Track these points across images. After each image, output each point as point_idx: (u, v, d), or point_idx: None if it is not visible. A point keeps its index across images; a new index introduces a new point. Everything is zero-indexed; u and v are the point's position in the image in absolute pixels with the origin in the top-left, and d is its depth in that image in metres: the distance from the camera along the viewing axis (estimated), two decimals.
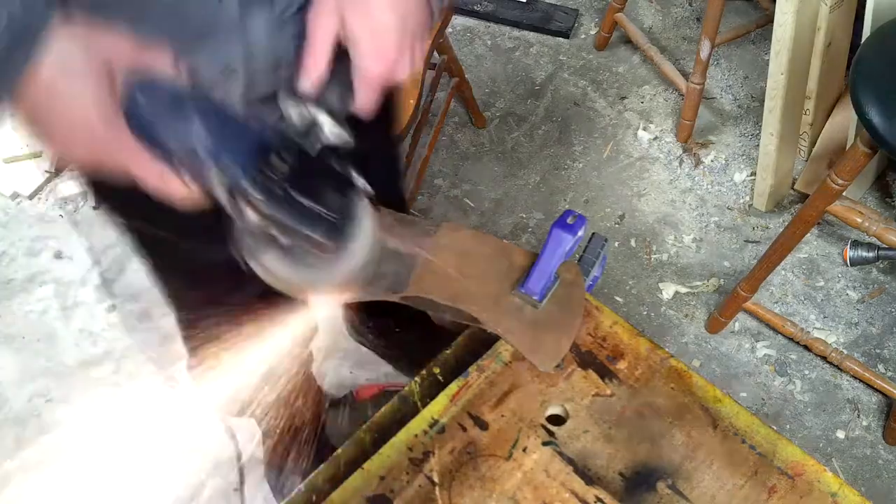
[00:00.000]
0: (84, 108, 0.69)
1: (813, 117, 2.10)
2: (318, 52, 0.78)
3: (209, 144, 0.70)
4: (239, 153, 0.71)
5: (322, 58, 0.78)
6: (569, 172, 2.25)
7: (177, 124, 0.70)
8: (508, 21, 2.54)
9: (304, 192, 0.72)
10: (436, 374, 0.99)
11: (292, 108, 0.75)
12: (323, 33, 0.77)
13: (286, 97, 0.75)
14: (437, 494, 0.88)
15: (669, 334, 1.97)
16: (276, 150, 0.72)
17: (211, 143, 0.70)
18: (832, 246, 2.07)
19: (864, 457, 1.80)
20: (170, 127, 0.70)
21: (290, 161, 0.72)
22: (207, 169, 0.70)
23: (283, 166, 0.71)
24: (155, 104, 0.70)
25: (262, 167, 0.71)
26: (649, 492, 0.89)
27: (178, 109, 0.71)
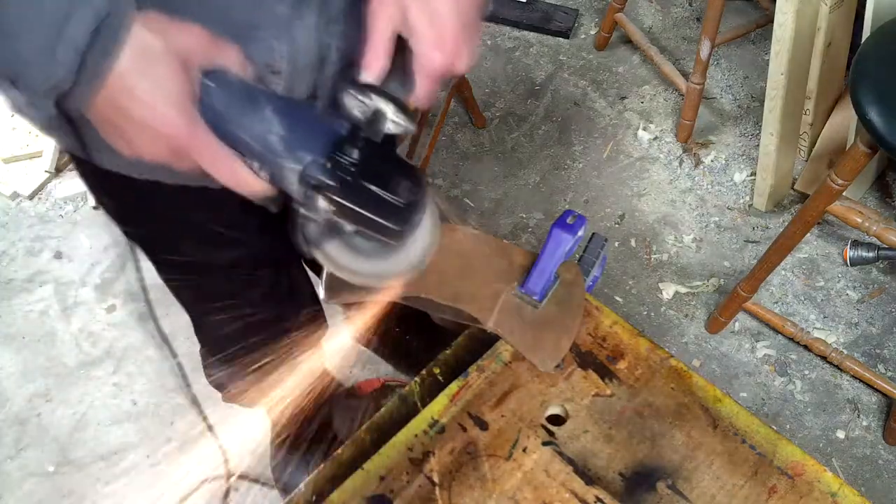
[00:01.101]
0: (164, 103, 0.69)
1: (813, 117, 2.10)
2: (380, 44, 0.78)
3: (283, 134, 0.71)
4: (312, 142, 0.72)
5: (383, 49, 0.78)
6: (569, 172, 2.24)
7: (250, 117, 0.71)
8: (508, 21, 2.54)
9: (373, 179, 0.73)
10: (436, 374, 0.99)
11: (354, 100, 0.75)
12: (384, 24, 0.77)
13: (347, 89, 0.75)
14: (437, 494, 0.88)
15: (669, 334, 1.97)
16: (348, 138, 0.73)
17: (284, 132, 0.71)
18: (832, 246, 2.07)
19: (864, 457, 1.80)
20: (244, 119, 0.71)
21: (360, 149, 0.73)
22: (281, 158, 0.71)
23: (353, 154, 0.72)
24: (228, 98, 0.71)
25: (334, 155, 0.72)
26: (649, 492, 0.89)
27: (251, 102, 0.72)
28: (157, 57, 0.68)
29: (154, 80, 0.68)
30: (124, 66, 0.66)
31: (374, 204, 0.73)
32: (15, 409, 1.91)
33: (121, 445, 1.85)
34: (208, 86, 0.71)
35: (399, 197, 0.73)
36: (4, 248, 2.17)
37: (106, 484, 1.81)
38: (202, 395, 1.55)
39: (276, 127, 0.71)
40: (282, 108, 0.72)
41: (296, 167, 0.71)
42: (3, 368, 1.97)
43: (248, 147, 0.71)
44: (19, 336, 2.02)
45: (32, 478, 1.82)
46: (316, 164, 0.71)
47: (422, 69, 0.79)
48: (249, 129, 0.71)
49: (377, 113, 0.75)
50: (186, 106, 0.70)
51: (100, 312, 2.04)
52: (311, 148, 0.71)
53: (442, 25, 0.77)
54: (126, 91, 0.68)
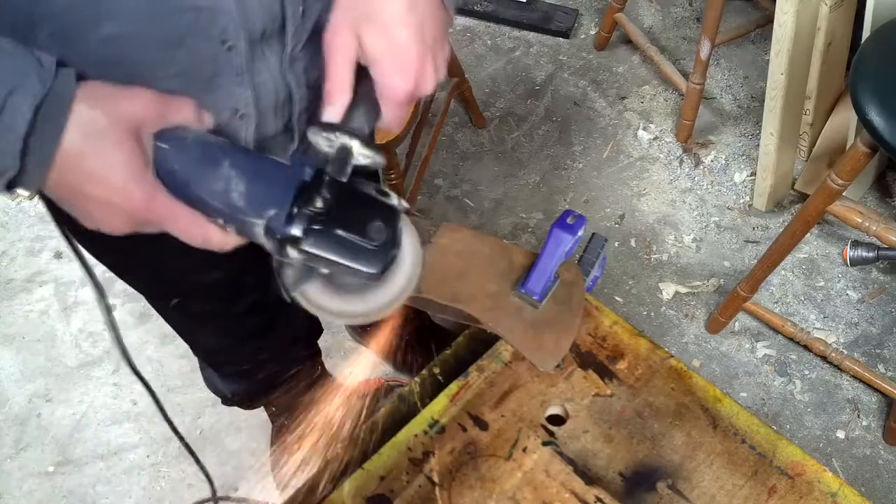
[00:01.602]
0: (117, 177, 0.67)
1: (813, 117, 2.10)
2: (340, 77, 0.75)
3: (243, 189, 0.69)
4: (274, 194, 0.70)
5: (344, 82, 0.75)
6: (569, 172, 2.24)
7: (209, 175, 0.69)
8: (508, 21, 2.54)
9: (343, 224, 0.71)
10: (436, 374, 0.99)
11: (320, 137, 0.73)
12: (341, 57, 0.75)
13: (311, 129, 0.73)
14: (437, 494, 0.88)
15: (669, 334, 1.97)
16: (312, 185, 0.70)
17: (245, 187, 0.69)
18: (832, 246, 2.07)
19: (864, 457, 1.80)
20: (202, 179, 0.69)
21: (327, 194, 0.70)
22: (244, 215, 0.69)
23: (318, 201, 0.70)
24: (185, 158, 0.70)
25: (300, 205, 0.69)
26: (649, 492, 0.89)
27: (209, 160, 0.70)
28: (103, 131, 0.66)
29: (103, 154, 0.66)
30: (70, 145, 0.64)
31: (345, 250, 0.71)
32: (15, 409, 1.91)
33: (121, 445, 1.85)
34: (163, 148, 0.69)
35: (371, 239, 0.71)
36: (4, 248, 2.17)
37: (106, 484, 1.81)
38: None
39: (236, 182, 0.69)
40: (241, 162, 0.70)
41: (260, 222, 0.69)
42: (3, 368, 1.97)
43: (210, 206, 0.70)
44: (19, 336, 2.02)
45: (32, 478, 1.82)
46: (280, 217, 0.69)
47: (385, 97, 0.77)
48: (209, 188, 0.69)
49: (344, 149, 0.73)
50: (141, 175, 0.68)
51: (100, 312, 2.04)
52: (273, 201, 0.69)
53: (401, 51, 0.75)
54: (76, 170, 0.66)
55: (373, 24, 0.75)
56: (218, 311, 1.33)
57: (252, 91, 0.82)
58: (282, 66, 0.83)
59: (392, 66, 0.75)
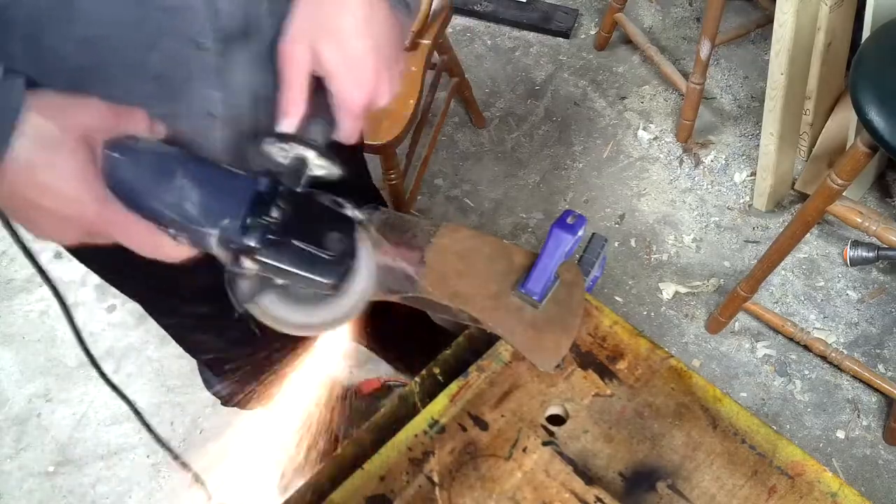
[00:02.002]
0: (67, 186, 0.66)
1: (813, 117, 2.10)
2: (295, 90, 0.75)
3: (199, 201, 0.68)
4: (228, 204, 0.69)
5: (299, 95, 0.75)
6: (569, 172, 2.25)
7: (162, 185, 0.68)
8: (508, 21, 2.54)
9: (299, 235, 0.70)
10: (436, 374, 0.99)
11: (275, 148, 0.72)
12: (297, 69, 0.75)
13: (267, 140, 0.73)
14: (437, 494, 0.88)
15: (669, 334, 1.97)
16: (267, 195, 0.70)
17: (200, 199, 0.68)
18: (832, 246, 2.07)
19: (864, 457, 1.80)
20: (156, 189, 0.68)
21: (283, 204, 0.70)
22: (197, 225, 0.68)
23: (275, 211, 0.69)
24: (138, 169, 0.69)
25: (255, 215, 0.69)
26: (649, 492, 0.89)
27: (161, 169, 0.69)
28: (53, 140, 0.65)
29: (53, 164, 0.65)
30: (20, 154, 0.63)
31: (301, 260, 0.70)
32: (15, 409, 1.91)
33: (121, 445, 1.85)
34: (115, 158, 0.68)
35: (328, 249, 0.71)
36: (4, 248, 2.17)
37: (106, 484, 1.81)
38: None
39: (190, 192, 0.68)
40: (194, 172, 0.69)
41: (214, 232, 0.68)
42: (3, 368, 1.97)
43: (162, 215, 0.69)
44: (19, 336, 2.02)
45: (32, 478, 1.82)
46: (234, 227, 0.68)
47: (343, 109, 0.77)
48: (162, 198, 0.68)
49: (299, 159, 0.73)
50: (92, 184, 0.67)
51: (100, 312, 2.04)
52: (226, 211, 0.68)
53: (357, 63, 0.75)
54: (26, 179, 0.65)
55: (330, 36, 0.75)
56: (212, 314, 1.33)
57: (222, 92, 0.82)
58: (252, 67, 0.82)
59: (348, 78, 0.75)
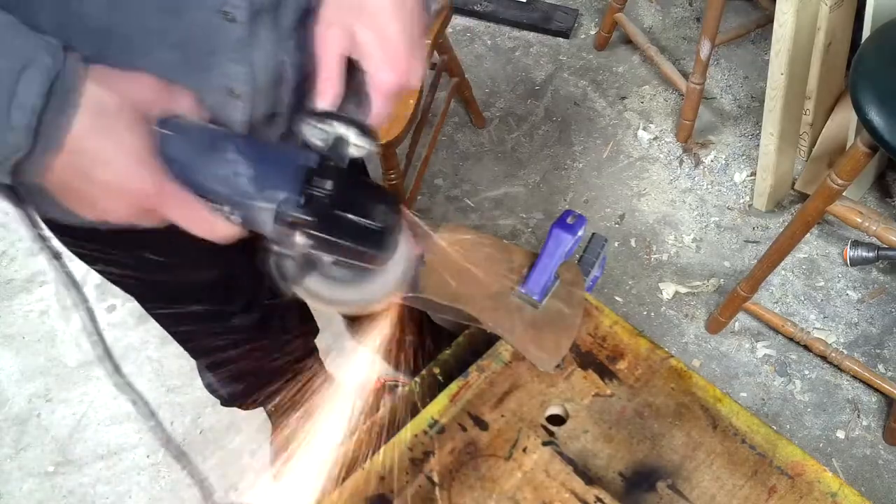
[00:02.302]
0: (127, 161, 0.65)
1: (813, 117, 2.10)
2: (332, 70, 0.76)
3: (251, 175, 0.68)
4: (282, 179, 0.69)
5: (336, 75, 0.76)
6: (569, 172, 2.24)
7: (215, 161, 0.69)
8: (508, 21, 2.54)
9: (349, 208, 0.71)
10: (436, 374, 0.99)
11: (313, 128, 0.72)
12: (332, 50, 0.76)
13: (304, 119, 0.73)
14: (437, 494, 0.88)
15: (669, 334, 1.97)
16: (315, 170, 0.70)
17: (253, 172, 0.68)
18: (832, 246, 2.07)
19: (864, 457, 1.80)
20: (208, 165, 0.69)
21: (331, 178, 0.70)
22: (253, 200, 0.69)
23: (326, 185, 0.70)
24: (189, 145, 0.69)
25: (307, 189, 0.69)
26: (649, 492, 0.89)
27: (213, 146, 0.69)
28: (113, 113, 0.65)
29: (114, 137, 0.65)
30: (82, 125, 0.63)
31: (352, 232, 0.71)
32: (15, 409, 1.91)
33: (121, 445, 1.85)
34: (167, 135, 0.68)
35: (376, 222, 0.71)
36: (4, 248, 2.17)
37: (106, 484, 1.81)
38: None
39: (243, 168, 0.68)
40: (245, 148, 0.69)
41: (270, 207, 0.68)
42: (3, 368, 1.97)
43: (217, 193, 0.69)
44: (19, 336, 2.02)
45: (32, 478, 1.82)
46: (290, 202, 0.68)
47: (376, 89, 0.77)
48: (215, 174, 0.68)
49: (339, 139, 0.73)
50: (150, 160, 0.67)
51: (100, 312, 2.04)
52: (282, 185, 0.69)
53: (391, 45, 0.76)
54: (86, 152, 0.64)
55: (363, 17, 0.75)
56: (212, 313, 1.33)
57: (247, 69, 0.81)
58: (276, 45, 0.82)
59: (383, 59, 0.76)
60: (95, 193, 0.67)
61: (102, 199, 0.68)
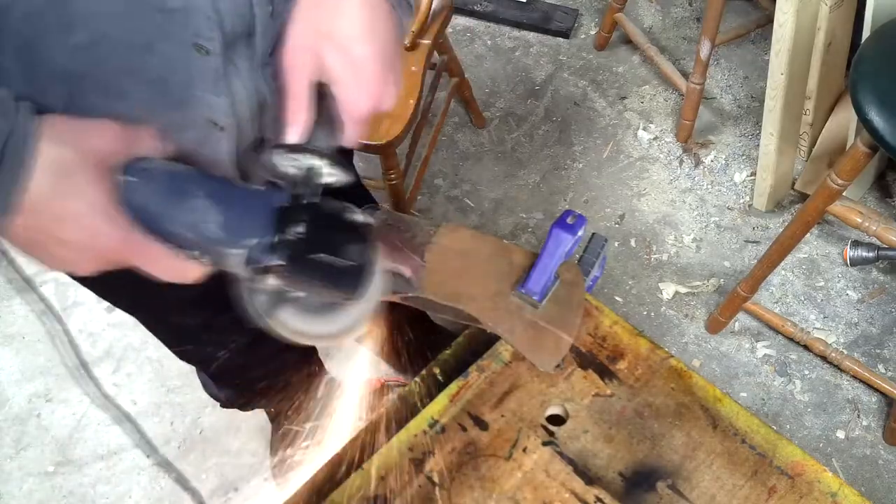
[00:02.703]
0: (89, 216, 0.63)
1: (813, 117, 2.10)
2: (299, 98, 0.74)
3: (220, 220, 0.67)
4: (254, 224, 0.68)
5: (303, 103, 0.74)
6: (569, 172, 2.25)
7: (182, 207, 0.67)
8: (508, 21, 2.54)
9: (322, 248, 0.69)
10: (436, 374, 0.99)
11: (284, 159, 0.71)
12: (299, 76, 0.74)
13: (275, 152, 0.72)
14: (437, 494, 0.88)
15: (669, 334, 1.97)
16: (289, 210, 0.69)
17: (224, 219, 0.67)
18: (832, 246, 2.07)
19: (864, 457, 1.80)
20: (175, 211, 0.67)
21: (305, 218, 0.69)
22: (223, 246, 0.67)
23: (298, 226, 0.68)
24: (156, 192, 0.67)
25: (279, 232, 0.68)
26: (649, 492, 0.89)
27: (182, 193, 0.68)
28: (71, 167, 0.62)
29: (75, 194, 0.63)
30: (38, 186, 0.61)
31: (325, 273, 0.70)
32: (15, 409, 1.91)
33: (121, 445, 1.85)
34: (132, 183, 0.66)
35: (350, 259, 0.70)
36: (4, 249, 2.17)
37: (106, 484, 1.81)
38: None
39: (212, 214, 0.67)
40: (214, 192, 0.68)
41: (240, 252, 0.67)
42: (3, 368, 1.97)
43: (185, 239, 0.67)
44: (19, 336, 2.02)
45: (32, 478, 1.82)
46: (262, 247, 0.67)
47: (348, 114, 0.76)
48: (184, 222, 0.67)
49: (311, 170, 0.71)
50: (114, 213, 0.65)
51: (100, 312, 2.04)
52: (253, 231, 0.67)
53: (362, 69, 0.75)
54: (45, 212, 0.62)
55: (333, 42, 0.74)
56: (205, 323, 1.32)
57: (229, 99, 0.79)
58: (253, 73, 0.81)
59: (353, 83, 0.75)
60: (59, 250, 0.66)
61: (67, 256, 0.67)
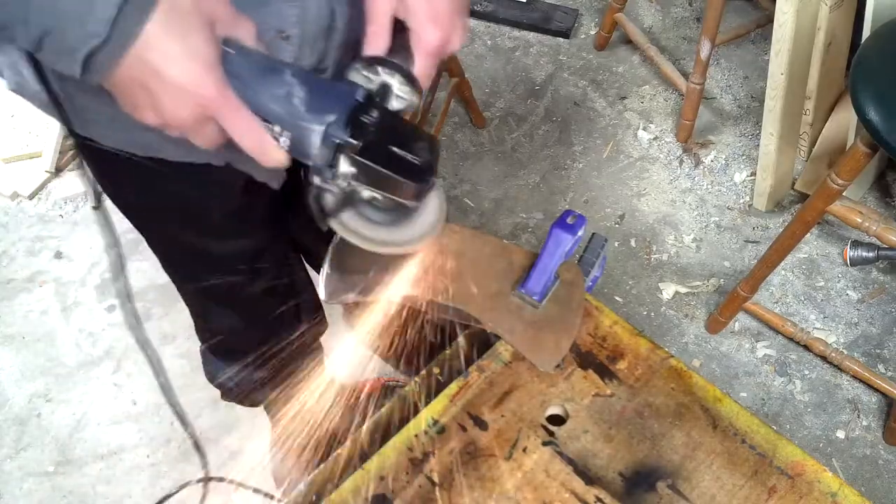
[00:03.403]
0: (194, 63, 0.67)
1: (813, 117, 2.10)
2: (381, 24, 0.80)
3: (304, 97, 0.72)
4: (333, 103, 0.73)
5: (385, 27, 0.80)
6: (569, 172, 2.24)
7: (271, 81, 0.72)
8: (508, 21, 2.54)
9: (392, 140, 0.75)
10: (436, 374, 0.99)
11: (360, 75, 0.77)
12: (382, 6, 0.80)
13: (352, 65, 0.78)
14: (437, 494, 0.88)
15: (669, 334, 1.97)
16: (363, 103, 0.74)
17: (307, 96, 0.72)
18: (832, 246, 2.07)
19: (864, 457, 1.80)
20: (265, 84, 0.72)
21: (378, 112, 0.74)
22: (305, 120, 0.72)
23: (372, 114, 0.74)
24: (250, 65, 0.72)
25: (355, 114, 0.73)
26: (649, 492, 0.89)
27: (272, 69, 0.73)
28: (187, 16, 0.67)
29: (185, 38, 0.67)
30: (156, 23, 0.65)
31: (394, 163, 0.75)
32: (15, 409, 1.91)
33: (121, 445, 1.85)
34: (228, 53, 0.71)
35: (417, 156, 0.75)
36: (4, 248, 2.17)
37: (106, 484, 1.81)
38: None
39: (298, 90, 0.72)
40: (301, 74, 0.73)
41: (319, 128, 0.72)
42: (3, 368, 1.97)
43: (271, 111, 0.72)
44: (19, 336, 2.02)
45: (32, 478, 1.82)
46: (339, 124, 0.72)
47: (420, 46, 0.81)
48: (271, 94, 0.72)
49: (383, 86, 0.77)
50: (215, 66, 0.69)
51: (100, 312, 2.04)
52: (332, 108, 0.73)
53: (437, 5, 0.80)
54: (157, 48, 0.66)
55: None
56: (235, 288, 1.33)
57: (300, 12, 0.83)
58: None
59: (427, 17, 0.80)
60: (160, 92, 0.69)
61: (165, 100, 0.69)
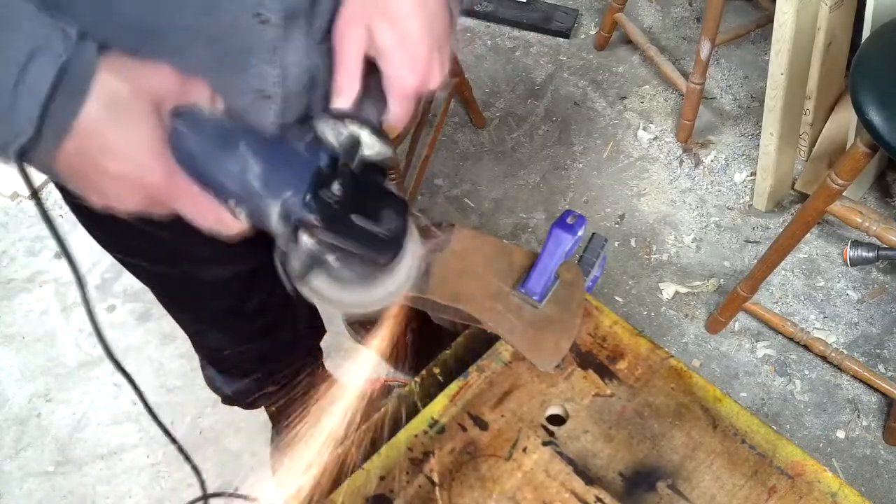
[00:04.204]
0: (138, 151, 0.65)
1: (813, 117, 2.10)
2: (350, 69, 0.76)
3: (260, 171, 0.68)
4: (291, 177, 0.69)
5: (354, 74, 0.76)
6: (569, 172, 2.24)
7: (225, 156, 0.68)
8: (508, 21, 2.54)
9: (357, 211, 0.70)
10: (436, 374, 1.00)
11: (328, 128, 0.73)
12: (351, 48, 0.75)
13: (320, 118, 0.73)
14: (437, 494, 0.89)
15: (669, 334, 1.97)
16: (327, 171, 0.70)
17: (261, 169, 0.68)
18: (832, 246, 2.07)
19: (864, 457, 1.80)
20: (218, 160, 0.68)
21: (341, 181, 0.70)
22: (260, 197, 0.68)
23: (334, 186, 0.69)
24: (200, 138, 0.68)
25: (315, 189, 0.69)
26: (649, 492, 0.89)
27: (224, 141, 0.69)
28: (126, 102, 0.64)
29: (125, 127, 0.64)
30: (92, 114, 0.63)
31: (358, 237, 0.71)
32: (15, 409, 1.91)
33: (121, 445, 1.85)
34: (179, 127, 0.68)
35: (383, 227, 0.71)
36: (4, 248, 2.17)
37: (106, 484, 1.81)
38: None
39: (253, 164, 0.68)
40: (257, 145, 0.69)
41: (276, 205, 0.68)
42: (3, 368, 1.97)
43: (224, 188, 0.68)
44: (19, 336, 2.02)
45: (32, 478, 1.82)
46: (296, 201, 0.68)
47: (394, 91, 0.76)
48: (224, 169, 0.68)
49: (353, 139, 0.73)
50: (161, 152, 0.66)
51: (100, 312, 2.04)
52: (290, 184, 0.68)
53: (411, 44, 0.75)
54: (96, 141, 0.64)
55: (384, 16, 0.75)
56: (228, 309, 1.33)
57: (280, 71, 0.81)
58: (309, 48, 0.82)
59: (402, 58, 0.75)
60: (104, 182, 0.67)
61: (111, 188, 0.67)
